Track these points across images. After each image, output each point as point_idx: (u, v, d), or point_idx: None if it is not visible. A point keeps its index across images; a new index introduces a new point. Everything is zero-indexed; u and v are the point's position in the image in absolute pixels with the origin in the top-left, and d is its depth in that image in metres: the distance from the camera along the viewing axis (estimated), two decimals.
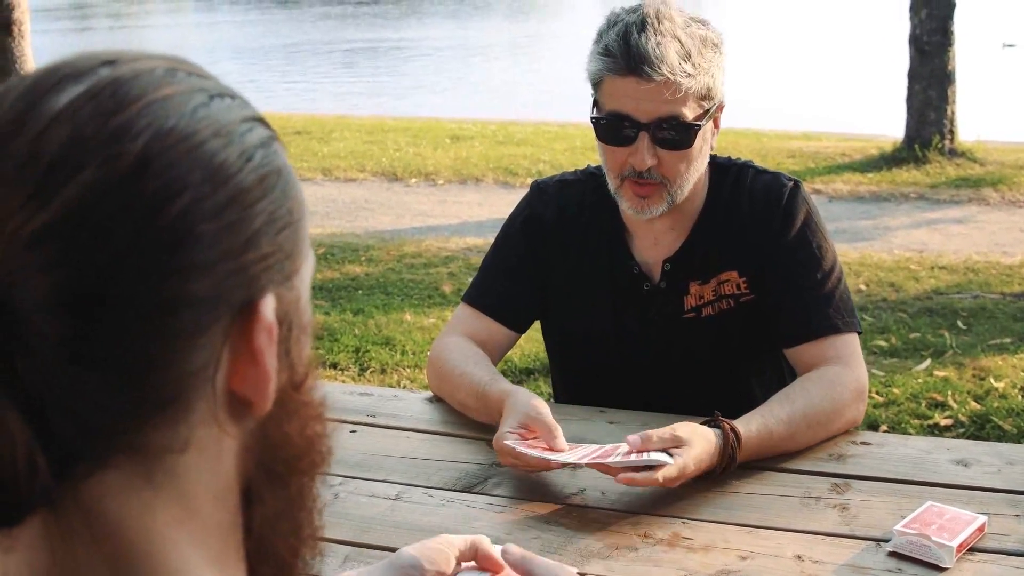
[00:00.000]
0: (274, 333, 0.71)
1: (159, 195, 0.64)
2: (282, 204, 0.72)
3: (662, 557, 1.64)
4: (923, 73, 9.14)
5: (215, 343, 0.68)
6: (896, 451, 1.96)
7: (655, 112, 1.98)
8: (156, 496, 0.68)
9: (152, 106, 0.66)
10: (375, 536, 1.73)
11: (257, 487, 0.75)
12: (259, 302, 0.69)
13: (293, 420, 0.76)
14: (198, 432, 0.69)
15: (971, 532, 1.63)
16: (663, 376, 2.20)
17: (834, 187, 8.68)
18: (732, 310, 2.15)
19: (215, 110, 0.69)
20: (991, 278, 6.18)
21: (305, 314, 0.76)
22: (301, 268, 0.75)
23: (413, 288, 6.28)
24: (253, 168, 0.70)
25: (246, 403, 0.71)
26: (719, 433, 1.84)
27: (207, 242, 0.66)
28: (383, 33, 28.25)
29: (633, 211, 2.09)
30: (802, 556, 1.63)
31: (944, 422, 4.21)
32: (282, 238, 0.71)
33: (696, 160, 2.05)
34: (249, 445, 0.73)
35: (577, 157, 9.85)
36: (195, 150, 0.66)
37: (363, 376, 4.93)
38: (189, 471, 0.69)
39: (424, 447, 2.05)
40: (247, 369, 0.70)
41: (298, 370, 0.76)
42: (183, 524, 0.69)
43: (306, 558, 0.80)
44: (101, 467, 0.66)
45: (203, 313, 0.66)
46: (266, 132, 0.73)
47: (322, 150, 10.98)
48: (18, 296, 0.61)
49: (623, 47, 1.96)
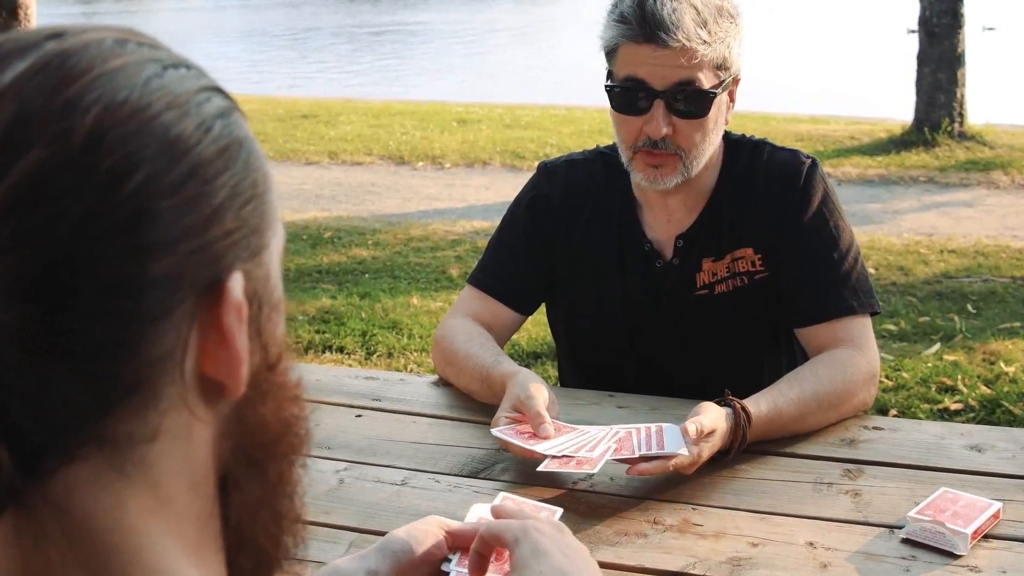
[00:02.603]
0: (244, 312, 0.67)
1: (113, 172, 0.61)
2: (245, 176, 0.68)
3: (672, 544, 1.62)
4: (932, 56, 9.10)
5: (181, 326, 0.65)
6: (909, 436, 1.93)
7: (671, 79, 1.96)
8: (127, 488, 0.65)
9: (102, 78, 0.63)
10: (380, 522, 1.71)
11: (234, 474, 0.72)
12: (226, 281, 0.66)
13: (268, 402, 0.73)
14: (168, 419, 0.66)
15: (986, 519, 1.60)
16: (674, 355, 2.18)
17: (843, 170, 8.64)
18: (746, 287, 2.12)
19: (169, 80, 0.66)
20: (1001, 262, 6.14)
21: (276, 291, 0.73)
22: (270, 243, 0.71)
23: (420, 272, 6.27)
24: (212, 139, 0.66)
25: (218, 387, 0.68)
26: (730, 413, 1.82)
27: (167, 220, 0.62)
28: (390, 17, 28.18)
29: (646, 181, 2.06)
30: (814, 543, 1.60)
31: (954, 406, 4.18)
32: (247, 212, 0.68)
33: (711, 132, 2.03)
34: (224, 431, 0.71)
35: (584, 140, 9.82)
36: (149, 123, 0.63)
37: (370, 360, 4.91)
38: (161, 460, 0.66)
39: (431, 432, 2.03)
40: (217, 351, 0.67)
41: (271, 350, 0.73)
42: (157, 515, 0.67)
43: (288, 545, 0.77)
44: (68, 461, 0.63)
45: (166, 295, 0.63)
46: (225, 102, 0.70)
47: (329, 133, 10.96)
48: None
49: (639, 13, 1.94)
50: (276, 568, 0.77)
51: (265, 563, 0.76)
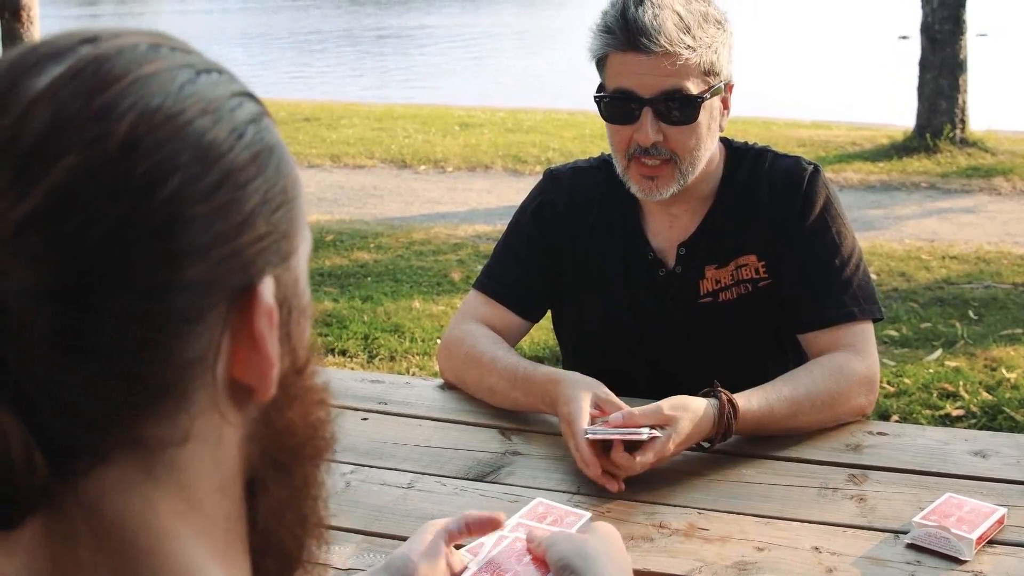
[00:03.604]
0: (274, 317, 0.68)
1: (147, 178, 0.61)
2: (276, 182, 0.69)
3: (678, 548, 1.62)
4: (934, 62, 9.10)
5: (213, 330, 0.65)
6: (914, 442, 1.94)
7: (657, 86, 1.97)
8: (157, 490, 0.66)
9: (136, 84, 0.63)
10: (386, 525, 1.71)
11: (261, 477, 0.73)
12: (257, 285, 0.67)
13: (296, 406, 0.73)
14: (199, 423, 0.66)
15: (991, 524, 1.61)
16: (679, 362, 2.18)
17: (844, 176, 8.64)
18: (750, 294, 2.13)
19: (202, 86, 0.66)
20: (1002, 268, 6.15)
21: (304, 296, 0.74)
22: (299, 248, 0.72)
23: (422, 275, 6.27)
24: (245, 145, 0.67)
25: (248, 391, 0.69)
26: (715, 403, 1.83)
27: (200, 225, 0.63)
28: (392, 20, 28.21)
29: (641, 194, 2.07)
30: (820, 548, 1.61)
31: (955, 412, 4.19)
32: (277, 218, 0.68)
33: (705, 138, 2.03)
34: (252, 434, 0.71)
35: (587, 144, 9.83)
36: (183, 129, 0.63)
37: (372, 363, 4.92)
38: (191, 463, 0.67)
39: (437, 435, 2.03)
40: (248, 355, 0.67)
41: (299, 354, 0.73)
42: (185, 518, 0.67)
43: (312, 548, 0.77)
44: (100, 463, 0.63)
45: (199, 299, 0.63)
46: (256, 107, 0.70)
47: (331, 137, 10.97)
48: (4, 288, 0.58)
49: (621, 22, 1.96)
50: (300, 570, 0.77)
51: (290, 565, 0.76)
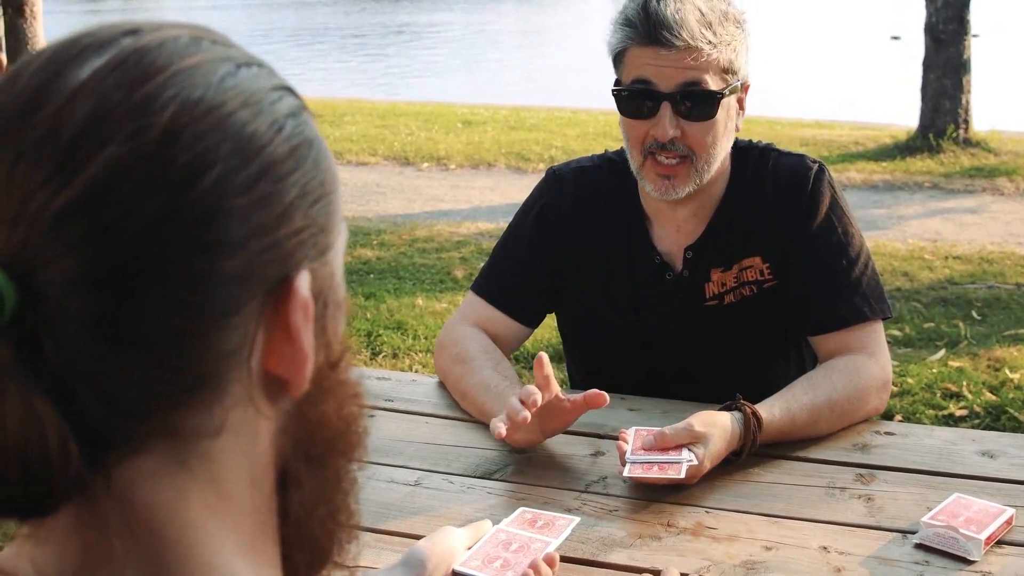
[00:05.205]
0: (310, 310, 0.68)
1: (188, 170, 0.61)
2: (314, 176, 0.69)
3: (686, 547, 1.62)
4: (938, 62, 9.09)
5: (250, 322, 0.65)
6: (921, 442, 1.94)
7: (677, 79, 1.96)
8: (190, 482, 0.66)
9: (178, 76, 0.63)
10: (394, 523, 1.71)
11: (294, 470, 0.72)
12: (294, 279, 0.67)
13: (330, 400, 0.73)
14: (233, 415, 0.66)
15: (999, 525, 1.61)
16: (685, 365, 2.17)
17: (847, 176, 8.63)
18: (755, 296, 2.12)
19: (243, 79, 0.67)
20: (1006, 268, 6.14)
21: (340, 290, 0.74)
22: (335, 242, 0.72)
23: (425, 273, 6.27)
24: (284, 139, 0.67)
25: (283, 384, 0.69)
26: (740, 417, 1.82)
27: (239, 217, 0.63)
28: (395, 18, 28.20)
29: (657, 193, 2.05)
30: (828, 547, 1.61)
31: (959, 412, 4.18)
32: (315, 211, 0.68)
33: (721, 136, 2.02)
34: (285, 427, 0.71)
35: (589, 142, 9.82)
36: (224, 121, 0.64)
37: (375, 360, 4.91)
38: (224, 455, 0.67)
39: (444, 433, 2.03)
40: (283, 348, 0.67)
41: (334, 348, 0.73)
42: (216, 511, 0.67)
43: (343, 543, 0.77)
44: (134, 452, 0.63)
45: (236, 291, 0.63)
46: (296, 101, 0.71)
47: (334, 134, 10.95)
48: (43, 277, 0.59)
49: (643, 15, 1.95)
50: (330, 563, 0.77)
51: (320, 558, 0.76)
